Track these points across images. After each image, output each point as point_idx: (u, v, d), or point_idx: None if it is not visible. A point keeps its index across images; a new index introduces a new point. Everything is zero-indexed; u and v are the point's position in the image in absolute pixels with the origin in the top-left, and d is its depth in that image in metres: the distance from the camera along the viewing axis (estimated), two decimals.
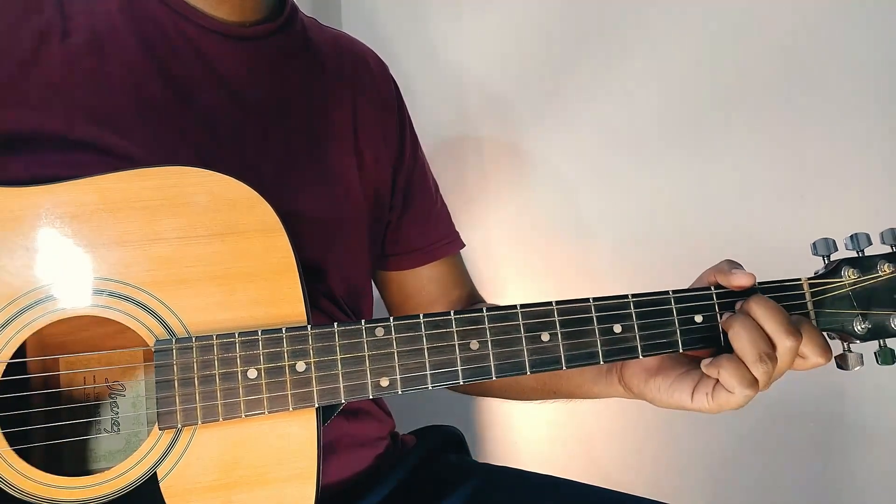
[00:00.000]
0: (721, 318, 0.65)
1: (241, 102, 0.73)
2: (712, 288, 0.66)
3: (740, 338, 0.61)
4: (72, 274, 0.58)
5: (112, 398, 0.65)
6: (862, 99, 1.08)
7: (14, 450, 0.56)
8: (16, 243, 0.58)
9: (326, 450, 0.62)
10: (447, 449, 0.86)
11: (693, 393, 0.64)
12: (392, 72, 0.91)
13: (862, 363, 0.66)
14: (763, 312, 0.62)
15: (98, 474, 0.57)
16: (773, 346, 0.61)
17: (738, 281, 0.65)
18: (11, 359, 0.56)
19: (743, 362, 0.61)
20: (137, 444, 0.62)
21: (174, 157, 0.68)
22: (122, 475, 0.57)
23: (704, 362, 0.63)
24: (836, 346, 0.67)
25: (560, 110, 1.23)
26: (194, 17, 0.73)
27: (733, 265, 0.66)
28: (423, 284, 0.91)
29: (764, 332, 0.61)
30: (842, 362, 0.67)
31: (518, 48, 1.25)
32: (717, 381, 0.62)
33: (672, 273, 1.15)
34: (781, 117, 1.12)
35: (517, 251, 1.26)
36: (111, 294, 0.58)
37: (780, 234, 1.11)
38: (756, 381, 0.61)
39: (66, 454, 0.63)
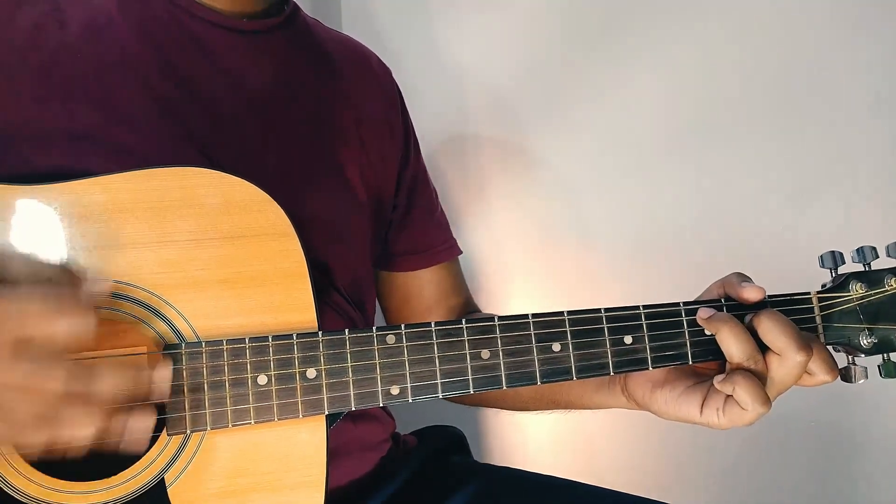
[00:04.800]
0: None
1: (245, 96, 0.73)
2: (722, 300, 0.66)
3: (728, 343, 0.62)
4: (79, 275, 0.57)
5: None
6: (866, 107, 1.09)
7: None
8: (23, 243, 0.57)
9: (332, 454, 0.61)
10: (449, 449, 0.86)
11: (702, 407, 0.64)
12: (392, 73, 0.91)
13: (866, 377, 0.66)
14: (774, 326, 0.61)
15: (105, 479, 0.56)
16: (758, 347, 0.62)
17: (749, 294, 0.64)
18: None
19: (758, 380, 0.61)
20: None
21: (176, 150, 0.67)
22: (130, 480, 0.56)
23: (717, 378, 0.63)
24: (841, 359, 0.67)
25: (563, 112, 1.23)
26: (194, 9, 0.72)
27: (743, 278, 0.66)
28: (423, 288, 0.91)
29: (748, 335, 0.62)
30: (846, 375, 0.67)
31: (520, 49, 1.25)
32: (729, 396, 0.62)
33: (674, 278, 1.16)
34: (784, 123, 1.13)
35: (518, 254, 1.26)
36: (120, 296, 0.58)
37: (783, 240, 1.12)
38: (769, 400, 0.61)
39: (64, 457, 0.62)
